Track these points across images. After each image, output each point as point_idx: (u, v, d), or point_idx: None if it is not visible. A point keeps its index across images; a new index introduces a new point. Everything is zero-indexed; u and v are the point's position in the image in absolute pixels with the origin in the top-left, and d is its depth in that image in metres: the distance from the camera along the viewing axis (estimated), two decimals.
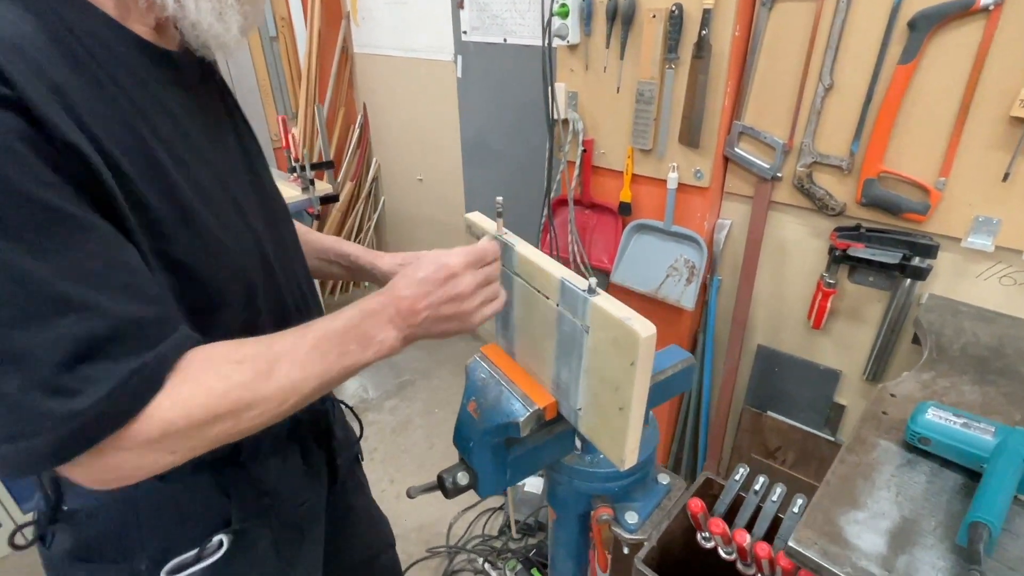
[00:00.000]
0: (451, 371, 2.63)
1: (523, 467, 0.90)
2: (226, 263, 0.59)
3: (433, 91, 2.53)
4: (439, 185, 2.76)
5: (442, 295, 0.61)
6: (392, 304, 0.60)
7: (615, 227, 1.65)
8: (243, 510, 0.68)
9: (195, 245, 0.55)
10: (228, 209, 0.61)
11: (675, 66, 1.33)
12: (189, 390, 0.48)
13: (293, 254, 0.76)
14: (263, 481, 0.71)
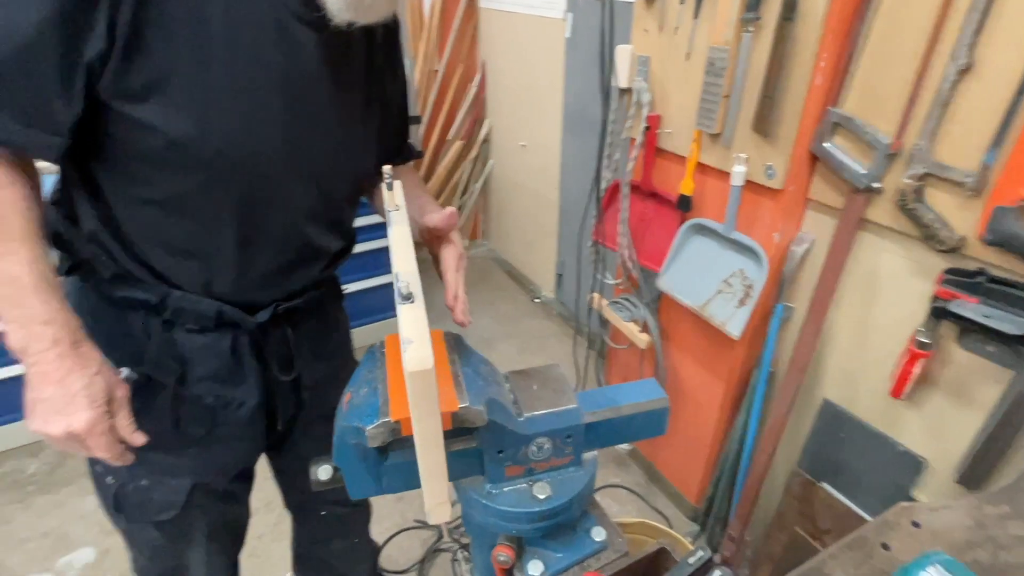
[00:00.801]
0: (516, 346, 2.54)
1: (403, 477, 0.78)
2: (176, 132, 0.64)
3: (542, 52, 2.37)
4: (539, 154, 2.62)
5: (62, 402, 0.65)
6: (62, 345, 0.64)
7: (673, 223, 1.40)
8: (156, 360, 0.76)
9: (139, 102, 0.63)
10: (237, 100, 0.66)
11: (754, 29, 1.04)
12: None
13: (320, 179, 0.78)
14: (179, 345, 0.77)
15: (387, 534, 1.68)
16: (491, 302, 2.85)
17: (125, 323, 0.77)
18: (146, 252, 0.74)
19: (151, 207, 0.71)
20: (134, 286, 0.75)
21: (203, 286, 0.77)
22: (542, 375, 0.84)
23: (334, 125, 0.77)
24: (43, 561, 1.62)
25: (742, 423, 1.39)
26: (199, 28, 0.62)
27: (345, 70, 0.75)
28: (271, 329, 0.84)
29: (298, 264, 0.82)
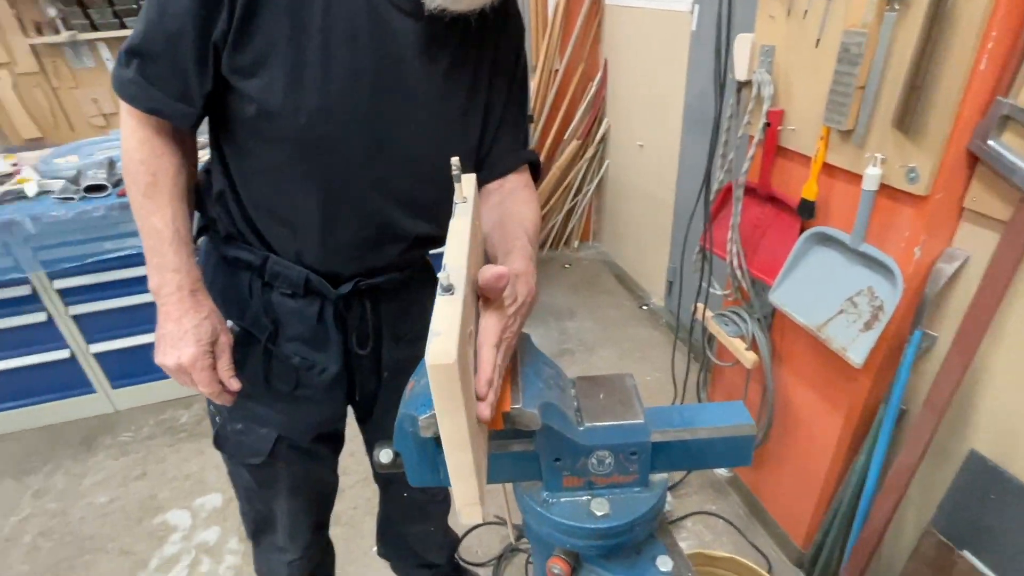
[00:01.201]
0: (618, 353, 2.46)
1: None
2: (269, 109, 0.71)
3: (665, 47, 2.26)
4: (656, 154, 2.51)
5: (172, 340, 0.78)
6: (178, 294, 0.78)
7: (791, 230, 1.25)
8: (254, 317, 0.86)
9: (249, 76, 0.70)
10: (330, 82, 0.70)
11: (900, 7, 0.89)
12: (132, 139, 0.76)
13: (407, 164, 0.80)
14: (272, 306, 0.86)
15: (468, 526, 1.71)
16: (597, 306, 2.78)
17: (235, 281, 0.87)
18: (252, 216, 0.83)
19: (256, 176, 0.79)
20: (242, 248, 0.85)
21: (294, 254, 0.83)
22: (611, 384, 0.79)
23: (426, 113, 0.77)
24: (183, 499, 1.87)
25: (862, 465, 1.21)
26: (301, 10, 0.67)
27: (444, 59, 0.76)
28: (353, 303, 0.89)
29: (378, 243, 0.85)
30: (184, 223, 0.79)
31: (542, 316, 2.71)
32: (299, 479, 1.03)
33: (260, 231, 0.84)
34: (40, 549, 1.73)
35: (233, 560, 1.66)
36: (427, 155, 0.81)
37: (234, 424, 0.95)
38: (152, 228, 0.77)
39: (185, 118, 0.75)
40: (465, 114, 0.82)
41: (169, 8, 0.68)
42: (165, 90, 0.73)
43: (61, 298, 1.98)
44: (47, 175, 1.93)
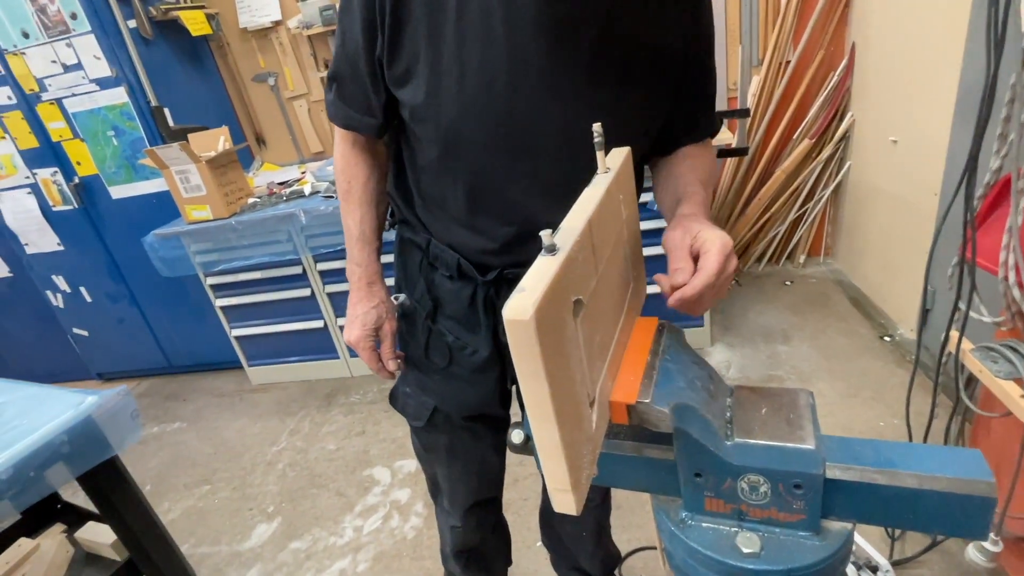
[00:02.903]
0: (842, 388, 2.05)
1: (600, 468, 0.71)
2: (426, 110, 0.76)
3: (936, 14, 1.82)
4: (915, 150, 2.04)
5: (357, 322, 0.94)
6: (357, 284, 0.94)
7: None
8: (421, 294, 0.95)
9: (405, 83, 0.77)
10: (475, 78, 0.71)
11: None
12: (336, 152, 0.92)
13: (555, 153, 0.77)
14: (436, 287, 0.93)
15: (634, 545, 1.60)
16: (821, 331, 2.37)
17: (410, 260, 0.96)
18: (416, 204, 0.92)
19: (417, 168, 0.87)
20: (413, 230, 0.94)
21: (447, 240, 0.90)
22: (780, 399, 0.66)
23: (569, 105, 0.73)
24: (388, 459, 2.13)
25: None
26: (436, 16, 0.71)
27: (584, 45, 0.70)
28: (503, 290, 0.90)
29: (521, 237, 0.84)
30: (371, 224, 0.92)
31: (751, 337, 2.42)
32: (457, 450, 1.08)
33: (421, 218, 0.92)
34: (286, 476, 2.15)
35: (417, 522, 1.83)
36: (575, 147, 0.73)
37: (404, 387, 1.05)
38: (346, 226, 0.92)
39: (371, 128, 0.85)
40: (619, 100, 0.75)
41: (347, 33, 0.78)
42: (354, 106, 0.84)
43: (320, 278, 2.45)
44: (320, 178, 2.41)
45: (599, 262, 0.56)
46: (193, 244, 2.37)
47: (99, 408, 1.01)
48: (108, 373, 3.18)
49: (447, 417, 1.03)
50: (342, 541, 1.81)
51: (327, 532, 1.86)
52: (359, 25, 0.75)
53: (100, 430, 1.01)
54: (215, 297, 2.57)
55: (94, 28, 2.28)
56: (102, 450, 1.02)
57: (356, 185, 0.91)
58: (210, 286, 2.54)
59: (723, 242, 0.62)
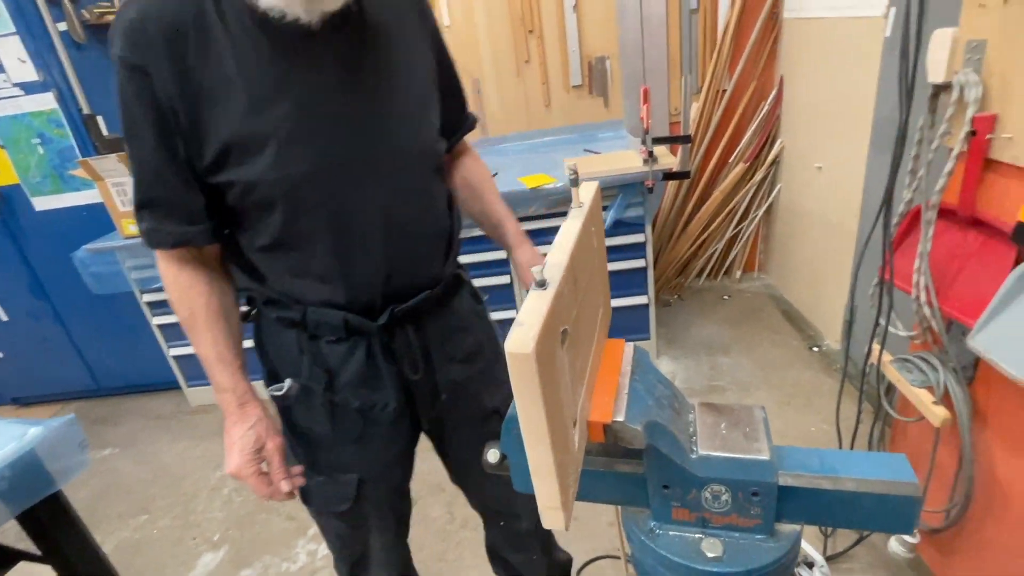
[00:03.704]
0: (778, 397, 2.20)
1: None
2: (262, 185, 0.76)
3: (853, 57, 2.02)
4: (837, 176, 2.23)
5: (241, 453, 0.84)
6: (231, 417, 0.85)
7: (1002, 261, 1.02)
8: (309, 371, 0.88)
9: (225, 168, 0.76)
10: (295, 137, 0.75)
11: None
12: (165, 281, 0.85)
13: (384, 182, 0.83)
14: (324, 357, 0.88)
15: (590, 555, 1.64)
16: (757, 343, 2.53)
17: (285, 340, 0.89)
18: (277, 280, 0.86)
19: (265, 245, 0.83)
20: (283, 307, 0.88)
21: (325, 300, 0.85)
22: (737, 415, 0.72)
23: (373, 118, 0.80)
24: None
25: None
26: (223, 88, 0.72)
27: (368, 63, 0.79)
28: (396, 331, 0.90)
29: (399, 262, 0.86)
30: (225, 343, 0.85)
31: (693, 349, 2.55)
32: (386, 512, 1.05)
33: (288, 291, 0.86)
34: (232, 501, 2.07)
35: None
36: (405, 159, 0.84)
37: (316, 478, 0.96)
38: (202, 356, 0.85)
39: (205, 233, 0.81)
40: (424, 106, 0.87)
41: (141, 157, 0.76)
42: (178, 222, 0.80)
43: None
44: None
45: (579, 292, 0.60)
46: (129, 259, 2.26)
47: (44, 440, 0.95)
48: (25, 398, 2.94)
49: (374, 483, 0.99)
50: (295, 567, 1.76)
51: (279, 558, 1.80)
52: (152, 141, 0.74)
53: (43, 463, 0.96)
54: (152, 315, 2.44)
55: (19, 30, 2.15)
56: (45, 485, 0.97)
57: (199, 308, 0.84)
58: (147, 303, 2.42)
59: None
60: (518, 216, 2.13)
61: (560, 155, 2.46)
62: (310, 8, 0.70)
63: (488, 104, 2.73)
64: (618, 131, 2.74)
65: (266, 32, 0.72)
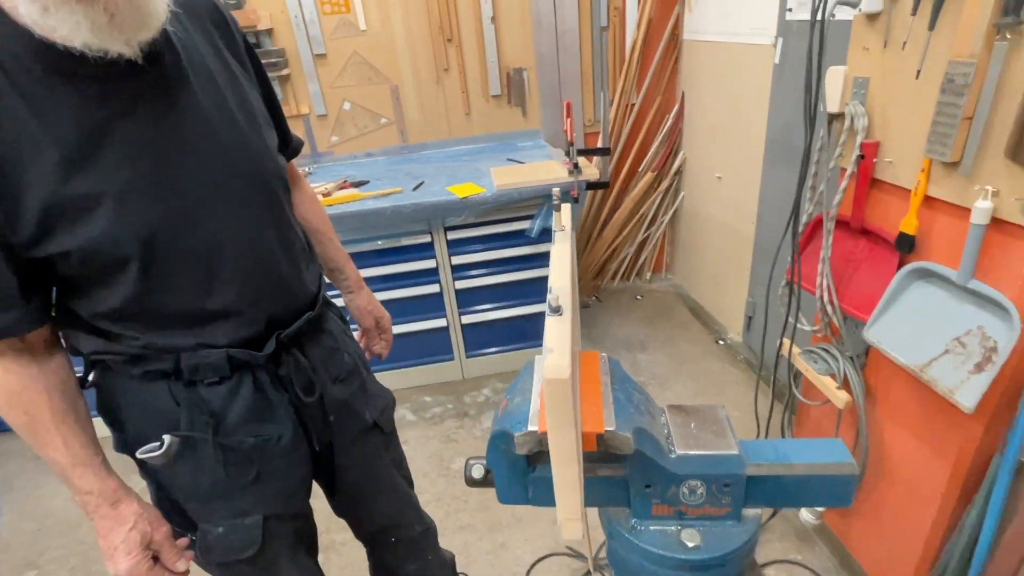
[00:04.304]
0: (693, 388, 2.39)
1: (550, 492, 0.79)
2: (99, 242, 0.68)
3: (746, 80, 2.25)
4: (735, 186, 2.47)
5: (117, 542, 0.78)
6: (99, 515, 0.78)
7: (888, 265, 1.20)
8: (189, 421, 0.81)
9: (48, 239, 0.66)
10: (131, 186, 0.68)
11: (1013, 36, 0.86)
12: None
13: (240, 211, 0.79)
14: (207, 401, 0.82)
15: (538, 554, 1.70)
16: (670, 339, 2.73)
17: (155, 395, 0.81)
18: (139, 335, 0.78)
19: (119, 304, 0.75)
20: (149, 361, 0.79)
21: (203, 342, 0.80)
22: (703, 415, 0.79)
23: (214, 149, 0.76)
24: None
25: (974, 521, 1.11)
26: (28, 149, 0.63)
27: (189, 87, 0.73)
28: (283, 357, 0.87)
29: (275, 287, 0.84)
30: (80, 440, 0.75)
31: (614, 347, 2.70)
32: (295, 544, 1.01)
33: (154, 342, 0.78)
34: None
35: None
36: (256, 184, 0.82)
37: (215, 529, 0.89)
38: (50, 460, 0.75)
39: (23, 322, 0.70)
40: (258, 128, 0.83)
41: None
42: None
43: None
44: None
45: (573, 310, 0.64)
46: None
47: None
48: None
49: (280, 518, 0.94)
50: None
51: None
52: None
53: None
54: None
55: None
56: None
57: (39, 410, 0.73)
58: None
59: (389, 317, 1.19)
60: (449, 225, 2.18)
61: (483, 164, 2.50)
62: (130, 40, 0.63)
63: (408, 111, 2.71)
64: (536, 141, 2.84)
65: (65, 76, 0.63)
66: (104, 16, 0.60)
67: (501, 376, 2.57)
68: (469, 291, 2.39)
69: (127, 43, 0.63)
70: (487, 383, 2.54)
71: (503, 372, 2.59)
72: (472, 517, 1.86)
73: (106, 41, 0.61)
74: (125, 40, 0.62)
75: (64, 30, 0.59)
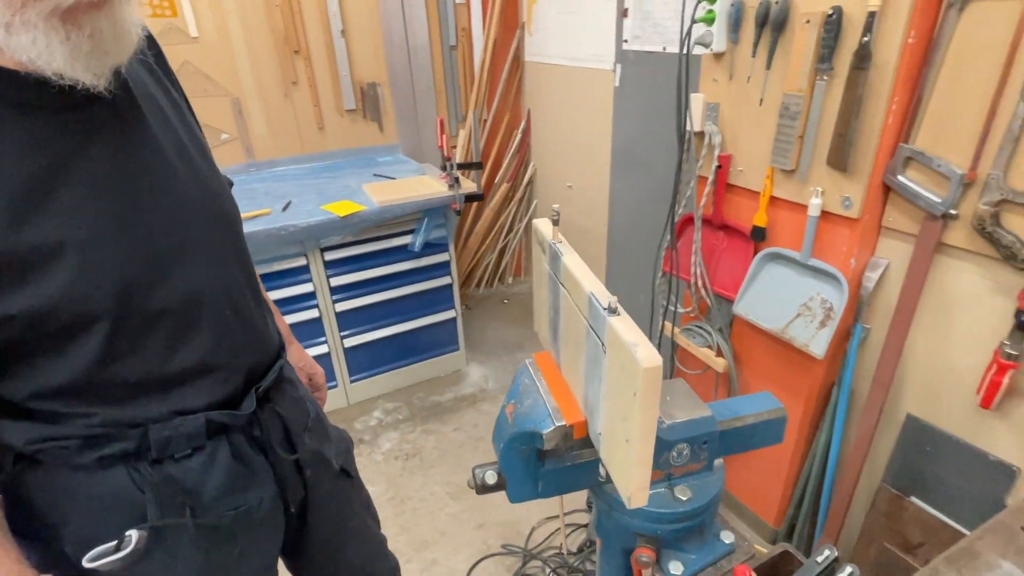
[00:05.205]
0: None
1: (557, 482, 0.87)
2: (68, 295, 0.58)
3: (591, 100, 2.54)
4: (587, 193, 2.76)
5: None
6: None
7: (746, 252, 1.50)
8: (159, 507, 0.69)
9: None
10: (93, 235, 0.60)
11: (828, 77, 1.16)
12: None
13: (212, 256, 0.72)
14: (180, 480, 0.71)
15: (471, 561, 1.73)
16: None
17: (110, 485, 0.69)
18: (98, 412, 0.66)
19: (73, 377, 0.63)
20: (107, 442, 0.67)
21: (176, 410, 0.70)
22: (672, 388, 0.93)
23: (184, 188, 0.69)
24: None
25: (824, 442, 1.45)
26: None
27: (146, 122, 0.66)
28: (259, 414, 0.80)
29: (249, 338, 0.79)
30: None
31: (494, 351, 2.81)
32: None
33: (118, 417, 0.67)
34: None
35: None
36: (224, 227, 0.76)
37: None
38: None
39: None
40: (212, 165, 0.77)
41: None
42: None
43: None
44: None
45: None
46: None
47: None
48: None
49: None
50: None
51: None
52: None
53: None
54: None
55: None
56: None
57: None
58: None
59: (323, 372, 1.12)
60: (325, 245, 2.08)
61: (349, 180, 2.43)
62: (101, 69, 0.55)
63: (253, 125, 2.50)
64: (396, 155, 2.83)
65: (13, 106, 0.55)
66: (88, 43, 0.52)
67: (390, 396, 2.51)
68: (350, 312, 2.30)
69: (96, 74, 0.55)
70: (376, 405, 2.46)
71: (391, 392, 2.53)
72: (394, 542, 1.81)
73: (79, 70, 0.53)
74: (96, 69, 0.55)
75: (32, 54, 0.51)
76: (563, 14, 2.56)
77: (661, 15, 2.02)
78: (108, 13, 0.53)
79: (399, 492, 2.01)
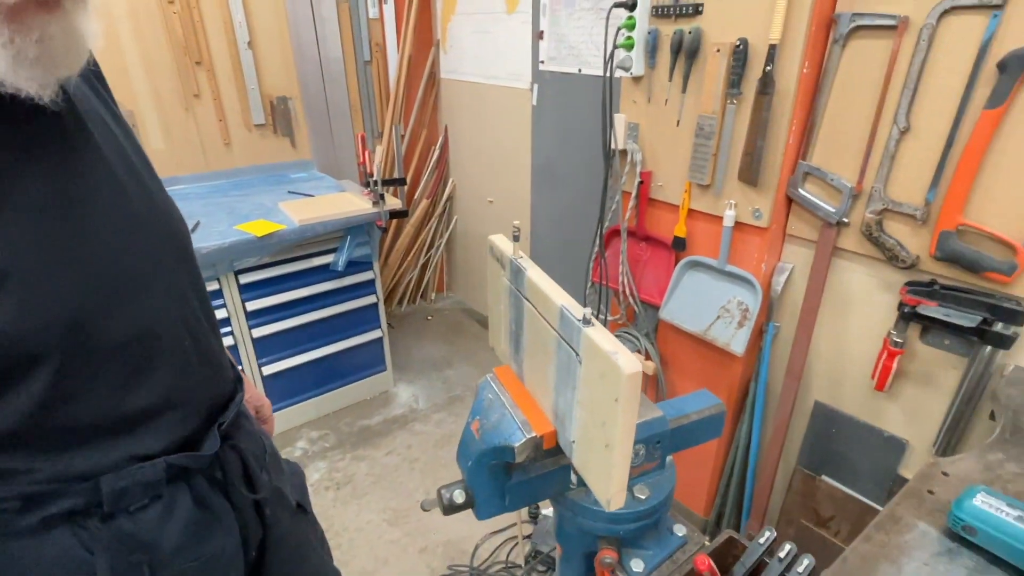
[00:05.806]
0: None
1: (523, 494, 0.88)
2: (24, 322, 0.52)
3: (509, 117, 2.61)
4: (508, 208, 2.82)
5: None
6: None
7: (668, 261, 1.60)
8: (112, 570, 0.62)
9: None
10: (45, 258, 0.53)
11: (737, 101, 1.29)
12: None
13: (168, 282, 0.66)
14: (135, 534, 0.64)
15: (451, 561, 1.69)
16: (470, 351, 2.93)
17: (52, 549, 0.60)
18: (42, 465, 0.59)
19: (17, 423, 0.55)
20: (51, 500, 0.59)
21: (132, 455, 0.63)
22: None
23: (136, 210, 0.63)
24: None
25: (745, 433, 1.58)
26: None
27: (93, 140, 0.61)
28: (220, 452, 0.74)
29: (209, 371, 0.73)
30: None
31: (422, 369, 2.77)
32: None
33: (65, 470, 0.60)
34: None
35: None
36: (177, 251, 0.70)
37: None
38: None
39: None
40: (161, 186, 0.71)
41: None
42: None
43: None
44: None
45: None
46: None
47: None
48: None
49: None
50: None
51: None
52: None
53: None
54: None
55: None
56: None
57: None
58: None
59: (270, 404, 1.01)
60: (243, 267, 1.96)
61: (262, 198, 2.30)
62: (45, 77, 0.50)
63: (150, 140, 2.30)
64: (311, 172, 2.73)
65: None
66: (35, 49, 0.47)
67: (315, 424, 2.39)
68: (269, 338, 2.17)
69: (42, 84, 0.50)
70: (300, 434, 2.33)
71: (317, 419, 2.41)
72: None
73: (22, 79, 0.48)
74: (42, 79, 0.50)
75: None
76: (478, 33, 2.61)
77: (575, 39, 2.12)
78: (60, 18, 0.48)
79: (332, 524, 1.91)
